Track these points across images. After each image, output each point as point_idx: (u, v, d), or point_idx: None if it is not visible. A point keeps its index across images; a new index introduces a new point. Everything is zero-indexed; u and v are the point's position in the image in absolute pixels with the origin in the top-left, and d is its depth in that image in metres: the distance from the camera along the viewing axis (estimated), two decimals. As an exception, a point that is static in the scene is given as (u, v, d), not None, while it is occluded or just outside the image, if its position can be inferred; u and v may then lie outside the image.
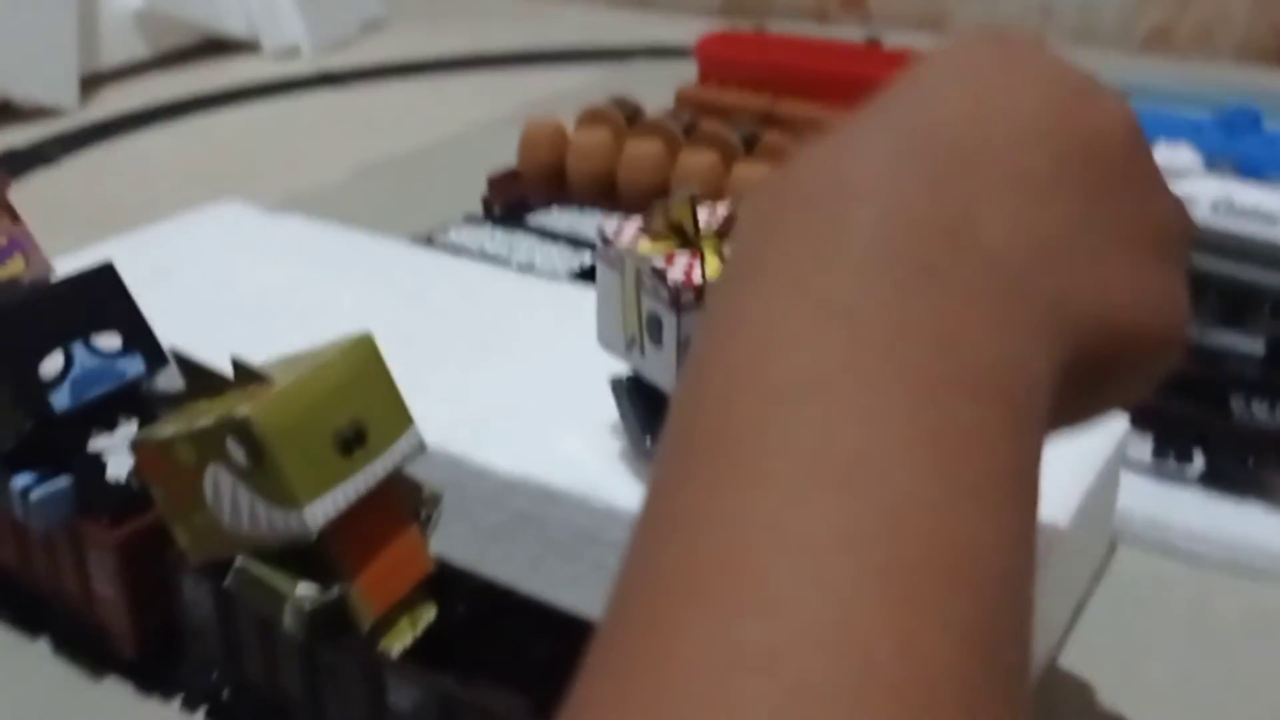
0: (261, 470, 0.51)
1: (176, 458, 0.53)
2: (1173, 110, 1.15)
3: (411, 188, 1.35)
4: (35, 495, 0.59)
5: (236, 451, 0.51)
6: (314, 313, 0.82)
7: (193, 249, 0.93)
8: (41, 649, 0.67)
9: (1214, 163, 1.06)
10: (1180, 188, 1.09)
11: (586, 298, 0.86)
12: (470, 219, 1.07)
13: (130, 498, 0.61)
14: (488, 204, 1.21)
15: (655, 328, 0.60)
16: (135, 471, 0.55)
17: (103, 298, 0.62)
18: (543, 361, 0.75)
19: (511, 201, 1.17)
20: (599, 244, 0.64)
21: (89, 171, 1.44)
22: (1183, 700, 0.63)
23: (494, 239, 0.97)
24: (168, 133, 1.58)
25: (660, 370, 0.61)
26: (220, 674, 0.60)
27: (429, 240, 0.99)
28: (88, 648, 0.65)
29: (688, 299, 0.59)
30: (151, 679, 0.64)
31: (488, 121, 1.57)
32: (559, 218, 1.04)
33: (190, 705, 0.63)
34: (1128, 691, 0.63)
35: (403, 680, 0.52)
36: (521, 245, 0.95)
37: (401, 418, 0.56)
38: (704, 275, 0.59)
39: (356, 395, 0.54)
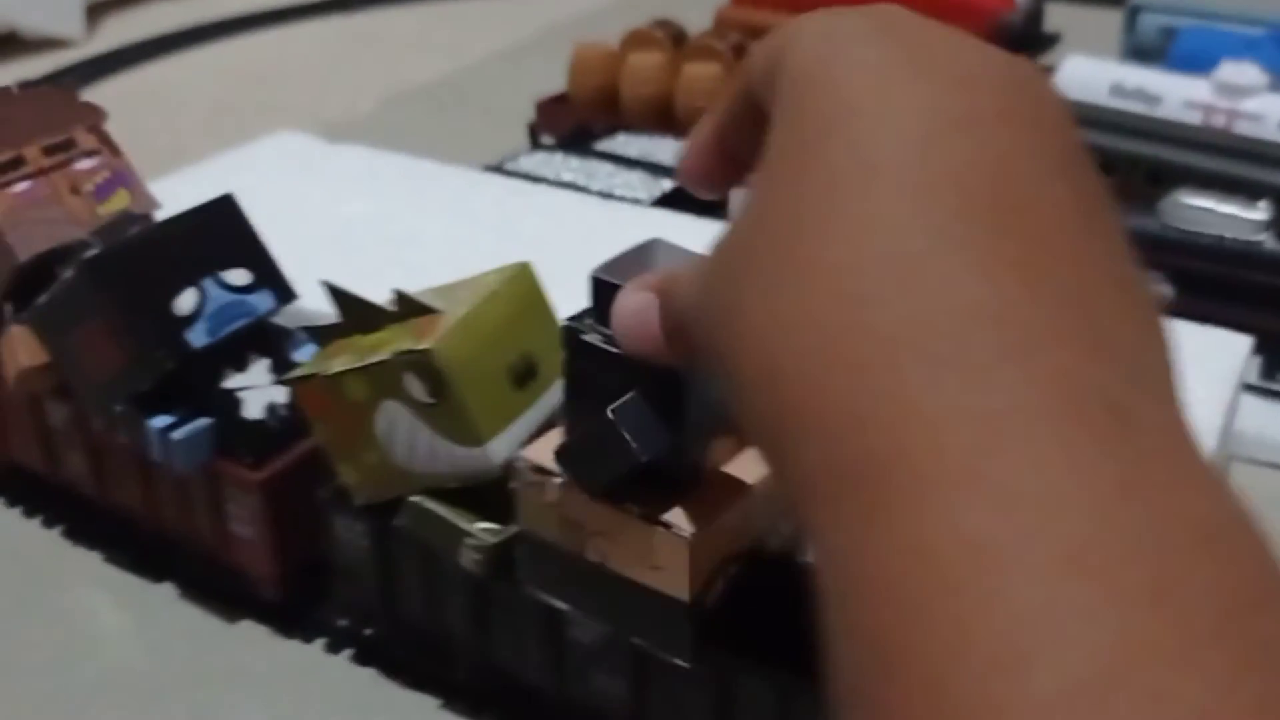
0: (442, 405, 0.49)
1: (346, 394, 0.51)
2: (1230, 28, 1.14)
3: (448, 116, 1.32)
4: (177, 436, 0.57)
5: (415, 386, 0.49)
6: (405, 244, 0.80)
7: (262, 181, 0.90)
8: (165, 593, 0.66)
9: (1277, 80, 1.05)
10: (1246, 105, 1.09)
11: (676, 223, 0.85)
12: (538, 147, 1.05)
13: (270, 437, 0.59)
14: (534, 130, 1.19)
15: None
16: (298, 408, 0.53)
17: (227, 231, 0.60)
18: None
19: (561, 127, 1.14)
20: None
21: (108, 105, 1.40)
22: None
23: (569, 166, 0.95)
24: (180, 62, 1.54)
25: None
26: (374, 613, 0.58)
27: (499, 168, 0.97)
28: (221, 590, 0.64)
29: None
30: (293, 620, 0.62)
31: (511, 47, 1.53)
32: (627, 143, 1.02)
33: (334, 647, 0.62)
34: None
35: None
36: (599, 172, 0.93)
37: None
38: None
39: (524, 327, 0.53)
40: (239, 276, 0.59)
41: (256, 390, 0.59)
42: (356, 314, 0.53)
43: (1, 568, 0.68)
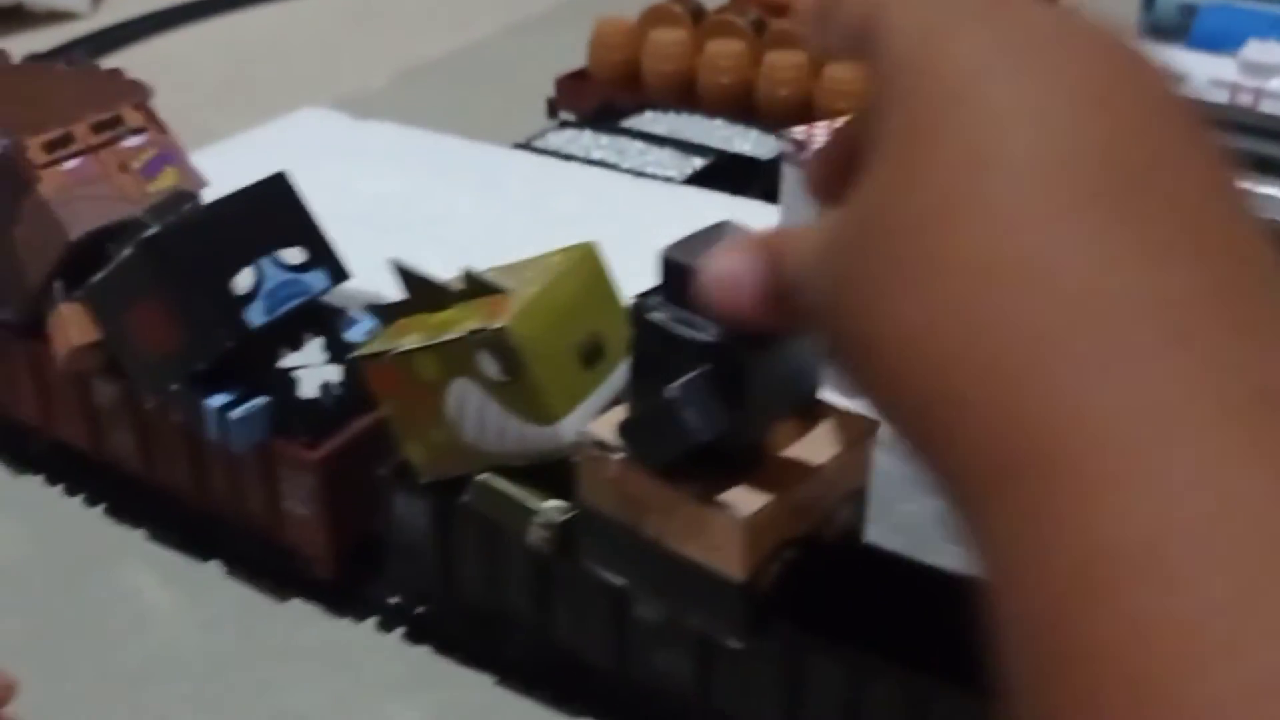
0: (515, 384, 0.49)
1: (416, 372, 0.51)
2: (1258, 6, 1.15)
3: (463, 91, 1.31)
4: (235, 415, 0.57)
5: (488, 364, 0.49)
6: (440, 222, 0.80)
7: (291, 158, 0.89)
8: (213, 571, 0.66)
9: (1304, 58, 1.06)
10: (1273, 84, 1.09)
11: (710, 201, 0.85)
12: (564, 124, 1.05)
13: (325, 416, 0.59)
14: (553, 107, 1.19)
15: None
16: (356, 387, 0.53)
17: (281, 210, 0.60)
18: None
19: (581, 104, 1.14)
20: (788, 149, 0.62)
21: (116, 78, 1.39)
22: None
23: (599, 144, 0.94)
24: (188, 36, 1.53)
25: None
26: (430, 591, 0.59)
27: (528, 146, 0.97)
28: (269, 568, 0.64)
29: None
30: (343, 599, 0.63)
31: (522, 22, 1.52)
32: (655, 120, 1.01)
33: (386, 625, 0.62)
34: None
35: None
36: (629, 150, 0.93)
37: (627, 328, 0.54)
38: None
39: (591, 307, 0.53)
40: (294, 255, 0.59)
41: (311, 369, 0.59)
42: (422, 292, 0.53)
43: (46, 545, 0.68)
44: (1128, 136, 0.25)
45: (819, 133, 0.61)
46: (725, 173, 0.90)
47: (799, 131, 0.62)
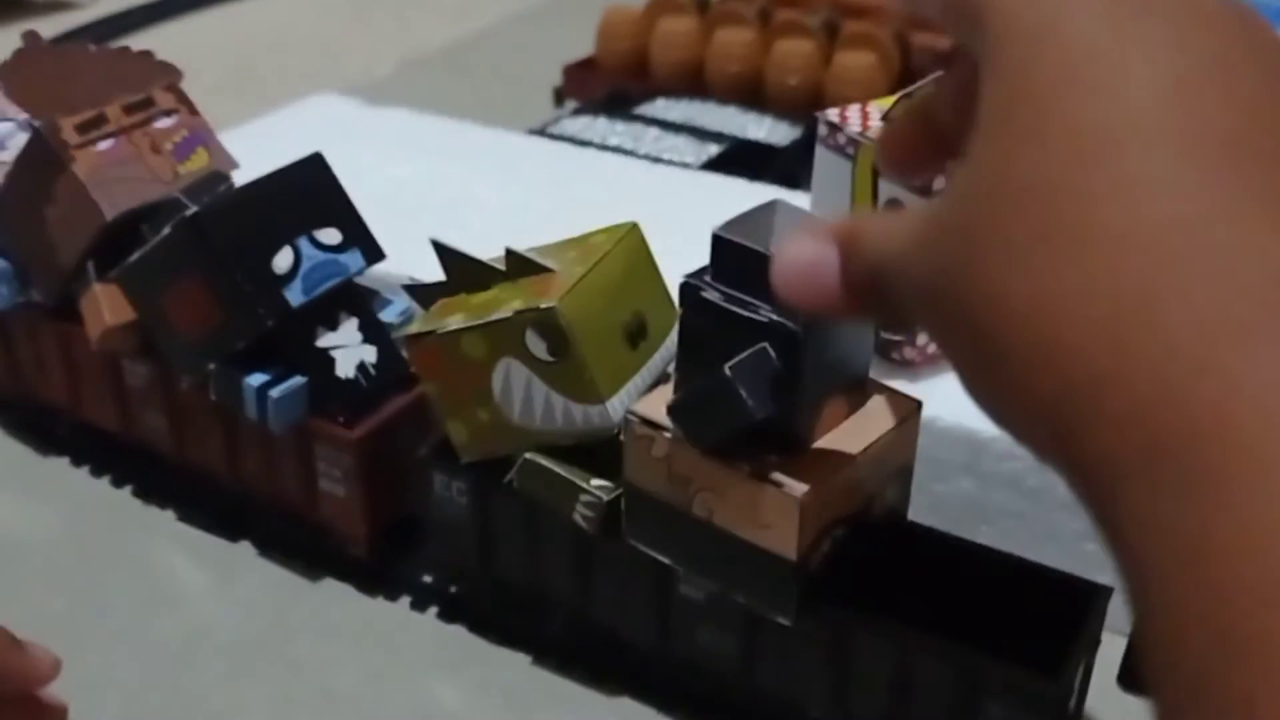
0: (564, 363, 0.50)
1: (463, 351, 0.51)
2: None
3: (469, 80, 1.31)
4: (275, 394, 0.57)
5: (536, 344, 0.50)
6: (459, 207, 0.80)
7: (306, 144, 0.89)
8: (244, 551, 0.66)
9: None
10: None
11: (728, 186, 0.86)
12: (579, 110, 1.05)
13: (362, 395, 0.59)
14: (560, 95, 1.19)
15: (896, 214, 0.60)
16: (408, 366, 0.53)
17: (317, 190, 0.60)
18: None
19: (588, 93, 1.15)
20: (823, 130, 0.63)
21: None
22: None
23: (614, 130, 0.95)
24: (190, 25, 1.52)
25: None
26: (467, 570, 0.59)
27: (543, 132, 0.97)
28: (301, 548, 0.64)
29: (939, 184, 0.58)
30: (377, 578, 0.63)
31: (526, 11, 1.53)
32: (669, 107, 1.02)
33: (420, 604, 0.62)
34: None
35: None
36: (645, 136, 0.93)
37: (670, 309, 0.55)
38: (952, 160, 0.59)
39: (636, 287, 0.53)
40: (330, 235, 0.59)
41: (348, 349, 0.60)
42: (463, 272, 0.53)
43: (76, 526, 0.68)
44: (1261, 106, 0.24)
45: (853, 116, 0.62)
46: (741, 159, 0.91)
47: (832, 114, 0.62)
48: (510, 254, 0.52)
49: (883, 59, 1.08)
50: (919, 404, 0.52)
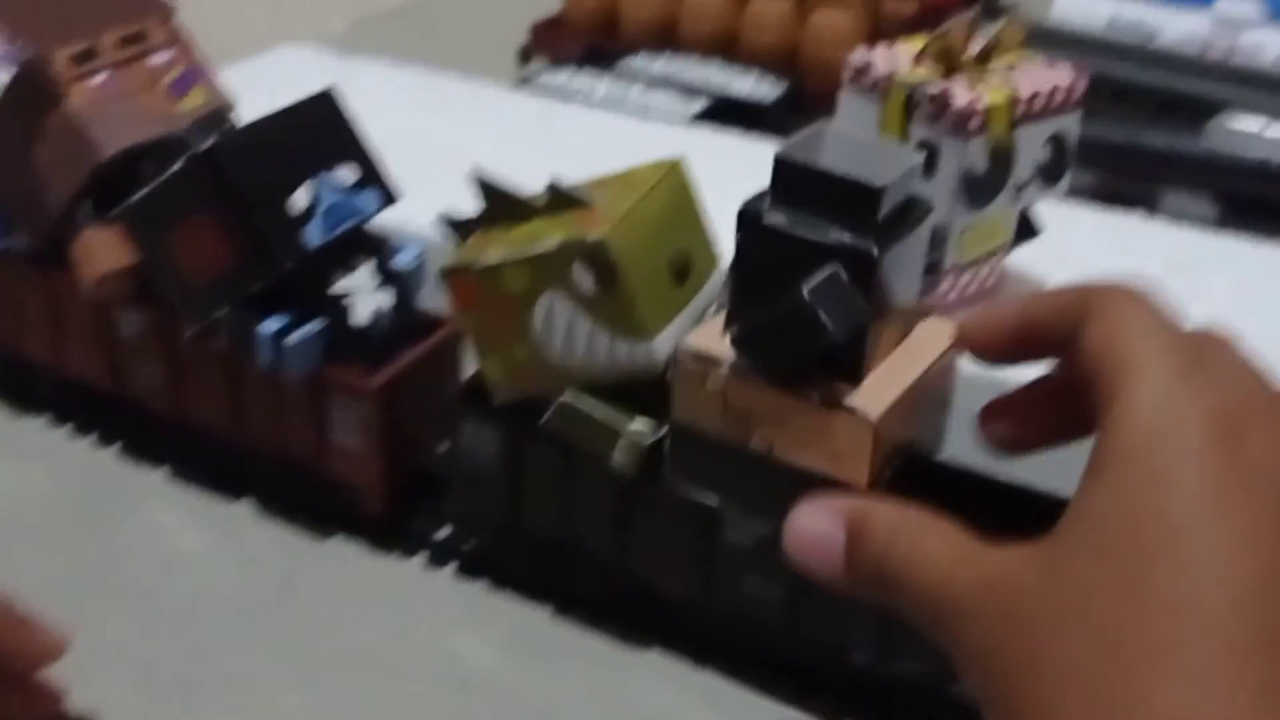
0: (610, 298, 0.48)
1: (503, 285, 0.49)
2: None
3: (427, 38, 1.28)
4: (292, 341, 0.55)
5: (583, 277, 0.48)
6: (451, 158, 0.77)
7: (281, 95, 0.86)
8: (245, 510, 0.63)
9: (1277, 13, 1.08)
10: (1244, 39, 1.11)
11: (719, 142, 0.84)
12: (559, 63, 1.02)
13: (380, 343, 0.57)
14: (526, 54, 1.16)
15: (928, 157, 0.59)
16: (447, 302, 0.51)
17: (331, 128, 0.58)
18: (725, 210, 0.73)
19: (556, 51, 1.12)
20: (849, 72, 0.61)
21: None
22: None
23: (600, 86, 0.93)
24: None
25: (929, 201, 0.59)
26: (495, 521, 0.57)
27: (525, 84, 0.94)
28: (306, 505, 0.62)
29: (975, 125, 0.57)
30: (389, 534, 0.60)
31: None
32: (649, 63, 1.00)
33: (437, 560, 0.60)
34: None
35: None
36: (630, 91, 0.91)
37: (713, 248, 0.53)
38: (989, 102, 0.58)
39: (680, 222, 0.51)
40: (346, 175, 0.57)
41: (363, 295, 0.57)
42: (501, 205, 0.51)
43: (62, 488, 0.64)
44: None
45: (879, 57, 0.61)
46: (730, 114, 0.89)
47: (859, 55, 0.61)
48: (552, 187, 0.50)
49: (857, 18, 1.07)
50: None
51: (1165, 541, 0.27)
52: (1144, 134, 0.86)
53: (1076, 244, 0.72)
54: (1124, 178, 0.86)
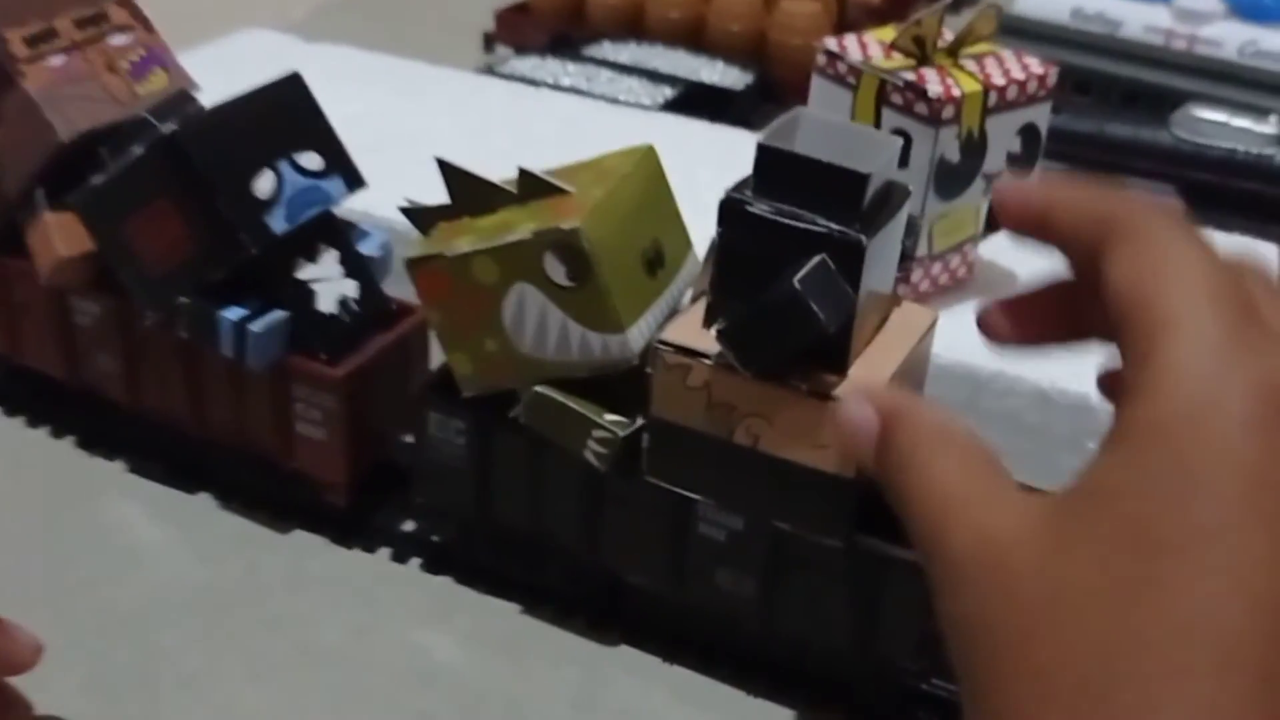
0: (583, 289, 0.47)
1: (473, 276, 0.48)
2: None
3: (390, 24, 1.26)
4: (256, 329, 0.53)
5: (555, 268, 0.47)
6: (416, 145, 0.76)
7: (242, 80, 0.84)
8: (204, 503, 0.61)
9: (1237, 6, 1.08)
10: (1205, 31, 1.11)
11: (688, 128, 0.84)
12: (524, 50, 1.01)
13: (345, 332, 0.56)
14: (490, 41, 1.15)
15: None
16: (417, 293, 0.50)
17: (296, 112, 0.56)
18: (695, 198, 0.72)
19: (521, 38, 1.11)
20: (820, 60, 0.61)
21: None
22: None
23: (567, 71, 0.91)
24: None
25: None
26: (462, 515, 0.56)
27: (491, 71, 0.93)
28: (267, 498, 0.60)
29: (948, 114, 0.57)
30: (352, 528, 0.59)
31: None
32: (617, 50, 0.99)
33: (401, 554, 0.59)
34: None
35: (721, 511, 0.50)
36: (598, 78, 0.90)
37: (685, 237, 0.52)
38: (962, 91, 0.57)
39: (653, 212, 0.50)
40: (311, 160, 0.56)
41: (328, 283, 0.56)
42: (469, 193, 0.50)
43: (15, 482, 0.63)
44: None
45: (851, 44, 0.60)
46: (698, 102, 0.89)
47: (831, 42, 0.60)
48: (523, 174, 0.49)
49: (824, 7, 1.07)
50: (936, 317, 0.51)
51: (1187, 543, 0.24)
52: (1108, 125, 0.86)
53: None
54: (1088, 169, 0.86)
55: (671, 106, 0.88)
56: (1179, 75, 0.98)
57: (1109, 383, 0.33)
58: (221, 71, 0.83)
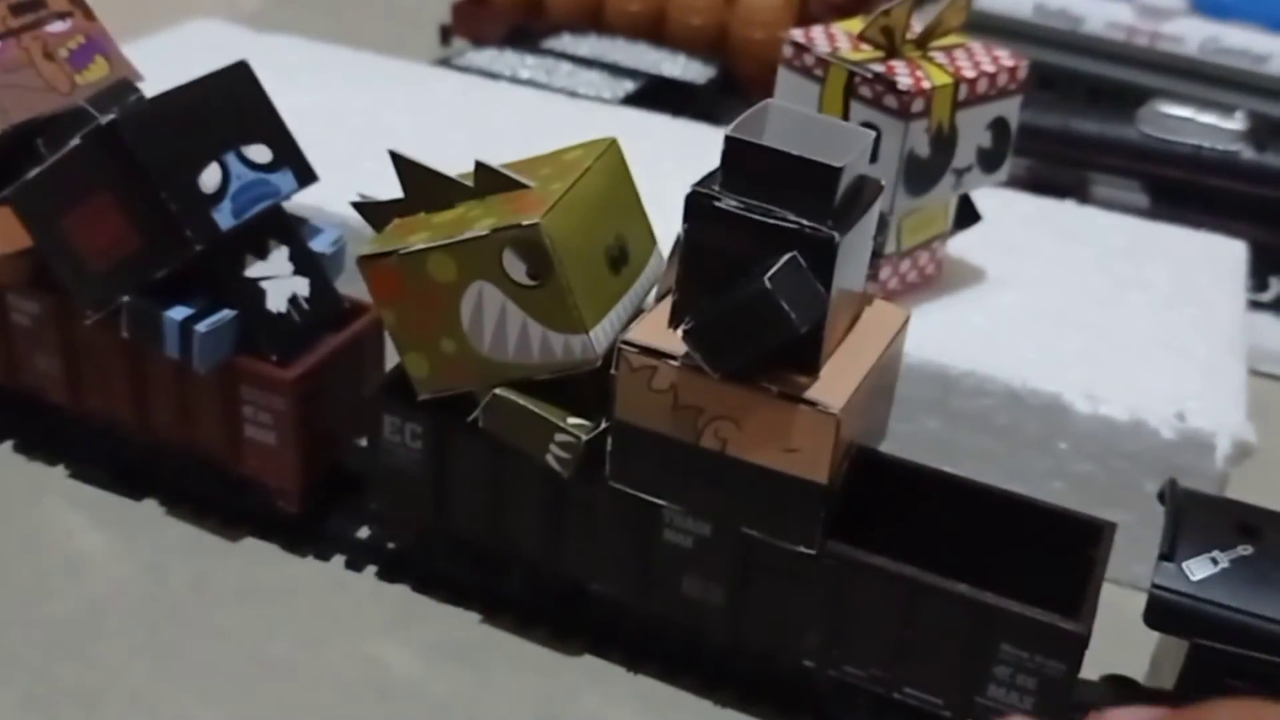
0: (544, 288, 0.45)
1: (429, 274, 0.46)
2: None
3: (345, 15, 1.24)
4: (202, 329, 0.51)
5: (515, 266, 0.45)
6: (370, 137, 0.74)
7: (191, 71, 0.82)
8: (149, 510, 0.59)
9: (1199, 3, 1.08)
10: (1167, 28, 1.11)
11: (649, 122, 0.82)
12: (481, 44, 0.99)
13: (296, 332, 0.54)
14: (447, 33, 1.13)
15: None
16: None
17: (244, 103, 0.54)
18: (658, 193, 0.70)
19: (478, 31, 1.09)
20: (787, 52, 0.59)
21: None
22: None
23: (525, 64, 0.89)
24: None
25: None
26: (419, 522, 0.54)
27: (448, 63, 0.91)
28: (215, 505, 0.58)
29: (918, 107, 0.55)
30: (303, 535, 0.57)
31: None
32: (576, 43, 0.97)
33: (356, 562, 0.57)
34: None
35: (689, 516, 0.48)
36: (558, 71, 0.88)
37: (650, 233, 0.51)
38: (932, 84, 0.56)
39: (616, 207, 0.49)
40: (260, 153, 0.53)
41: (278, 280, 0.54)
42: (424, 188, 0.48)
43: (-50, 486, 0.60)
44: None
45: (818, 36, 0.58)
46: (659, 96, 0.87)
47: (798, 34, 0.59)
48: (480, 167, 0.47)
49: (786, 1, 1.05)
50: (908, 316, 0.50)
51: None
52: (1073, 120, 0.85)
53: (1013, 231, 0.71)
54: (1054, 165, 0.85)
55: (632, 100, 0.86)
56: (1142, 71, 0.97)
57: None
58: (169, 63, 0.80)
